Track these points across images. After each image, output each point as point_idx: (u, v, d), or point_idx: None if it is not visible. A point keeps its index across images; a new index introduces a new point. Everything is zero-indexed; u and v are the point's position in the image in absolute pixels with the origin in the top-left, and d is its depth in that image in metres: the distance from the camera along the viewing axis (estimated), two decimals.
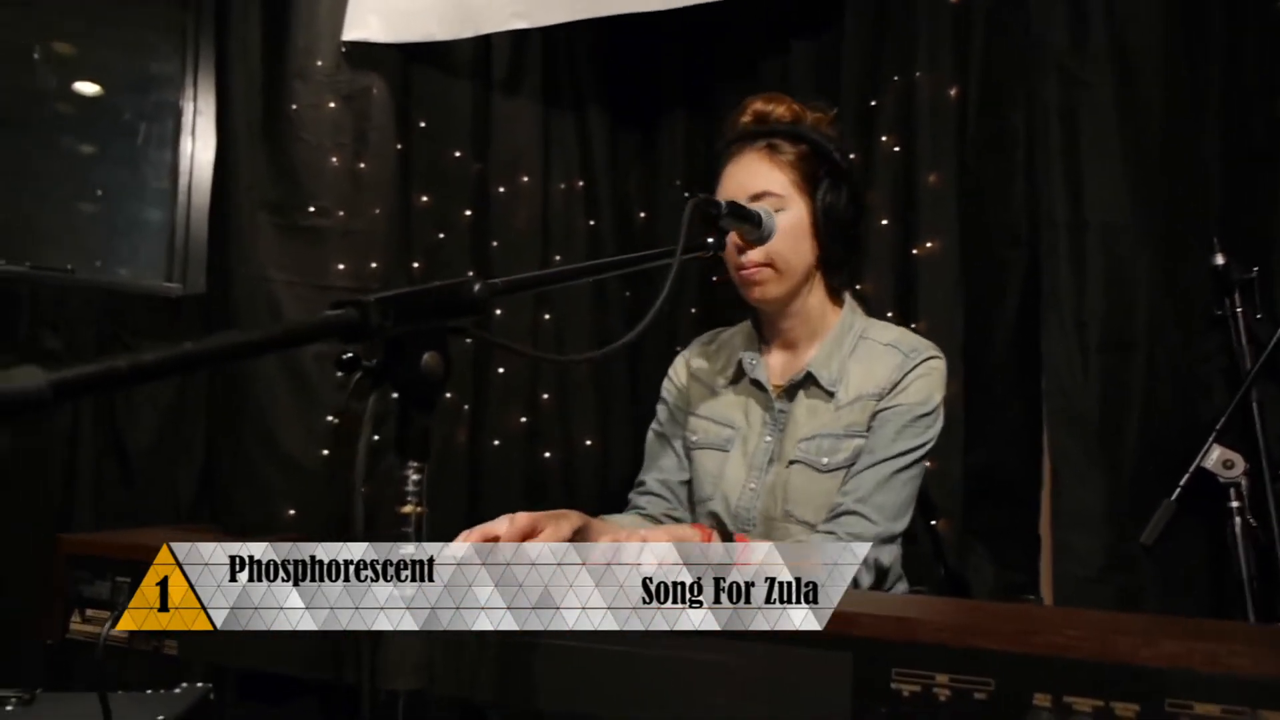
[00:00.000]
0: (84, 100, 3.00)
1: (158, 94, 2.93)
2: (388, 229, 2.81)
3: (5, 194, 2.83)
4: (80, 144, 2.97)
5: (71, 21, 3.04)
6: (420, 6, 2.76)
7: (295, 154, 2.70)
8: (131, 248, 2.86)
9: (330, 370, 2.71)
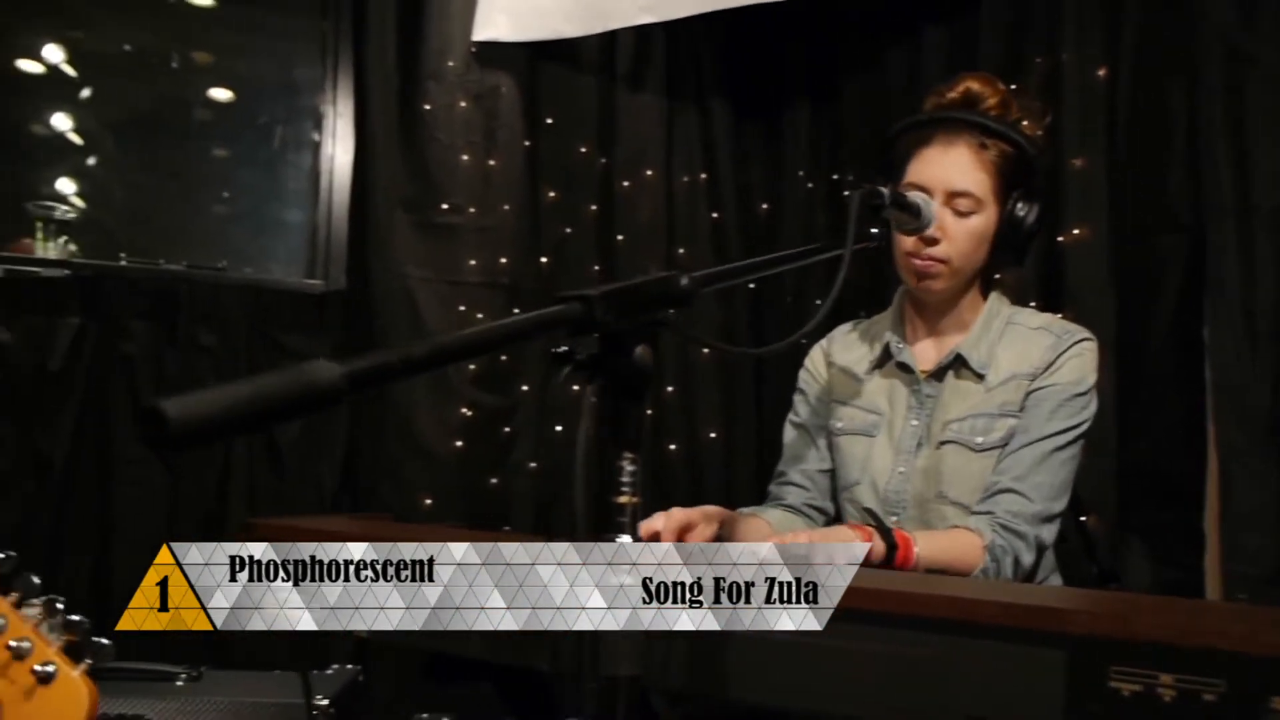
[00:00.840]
0: (229, 107, 3.14)
1: (299, 99, 3.04)
2: (517, 224, 2.86)
3: (162, 198, 2.98)
4: (228, 149, 3.11)
5: (215, 31, 3.19)
6: (548, 4, 2.79)
7: (429, 153, 2.77)
8: (277, 247, 2.99)
9: (464, 365, 2.78)
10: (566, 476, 0.81)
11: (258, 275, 2.79)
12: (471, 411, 2.78)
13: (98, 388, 2.51)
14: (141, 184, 3.05)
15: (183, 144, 3.08)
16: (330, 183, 2.82)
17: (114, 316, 2.53)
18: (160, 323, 2.58)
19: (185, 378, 2.57)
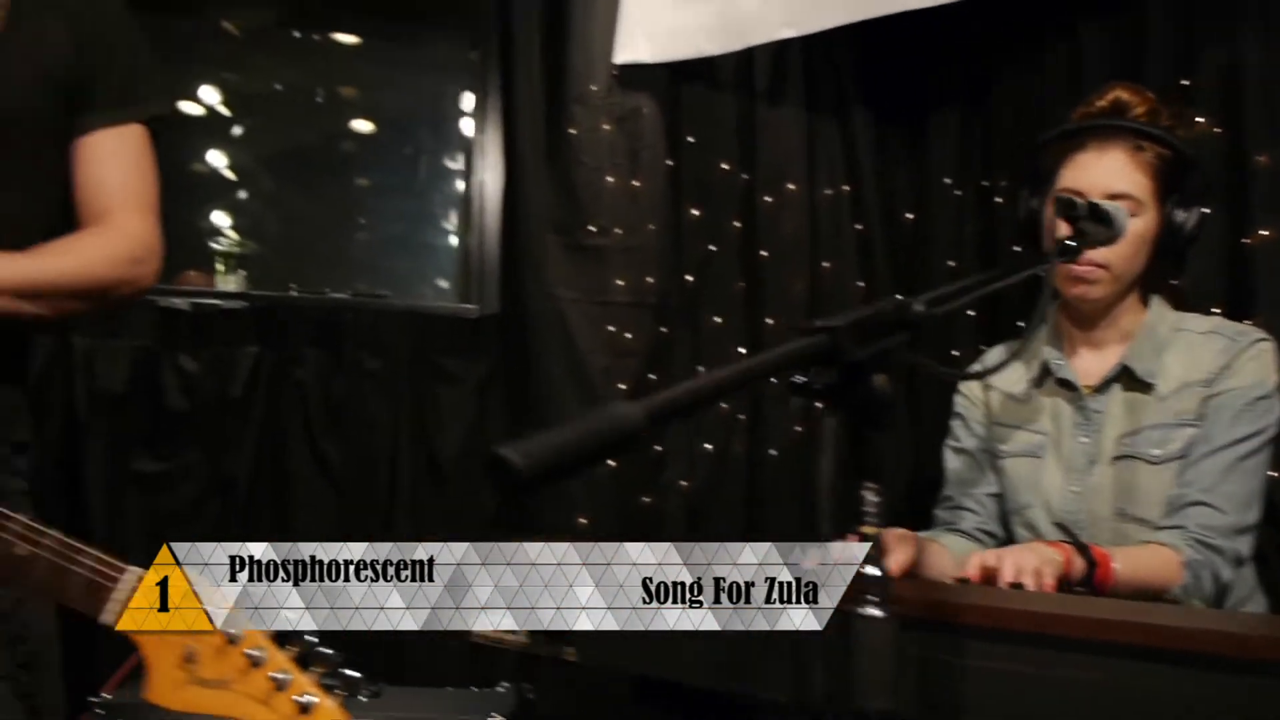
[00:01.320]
0: (377, 138, 3.28)
1: (448, 128, 3.16)
2: (661, 244, 2.88)
3: (322, 229, 3.14)
4: (379, 179, 3.24)
5: (361, 66, 3.33)
6: (687, 24, 2.81)
7: (576, 176, 2.82)
8: (432, 273, 3.10)
9: (613, 383, 2.82)
10: (813, 509, 0.80)
11: (415, 301, 2.90)
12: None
13: (274, 413, 2.64)
14: (302, 216, 3.22)
15: (336, 176, 3.24)
16: (481, 208, 2.91)
17: (287, 345, 2.67)
18: (328, 350, 2.70)
19: (352, 402, 2.69)
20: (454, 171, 3.18)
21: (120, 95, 1.41)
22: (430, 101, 3.29)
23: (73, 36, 1.36)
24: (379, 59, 3.37)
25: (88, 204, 1.42)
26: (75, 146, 1.40)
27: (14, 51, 1.30)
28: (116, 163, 1.43)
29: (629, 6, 2.84)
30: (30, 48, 1.31)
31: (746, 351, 2.92)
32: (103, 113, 1.40)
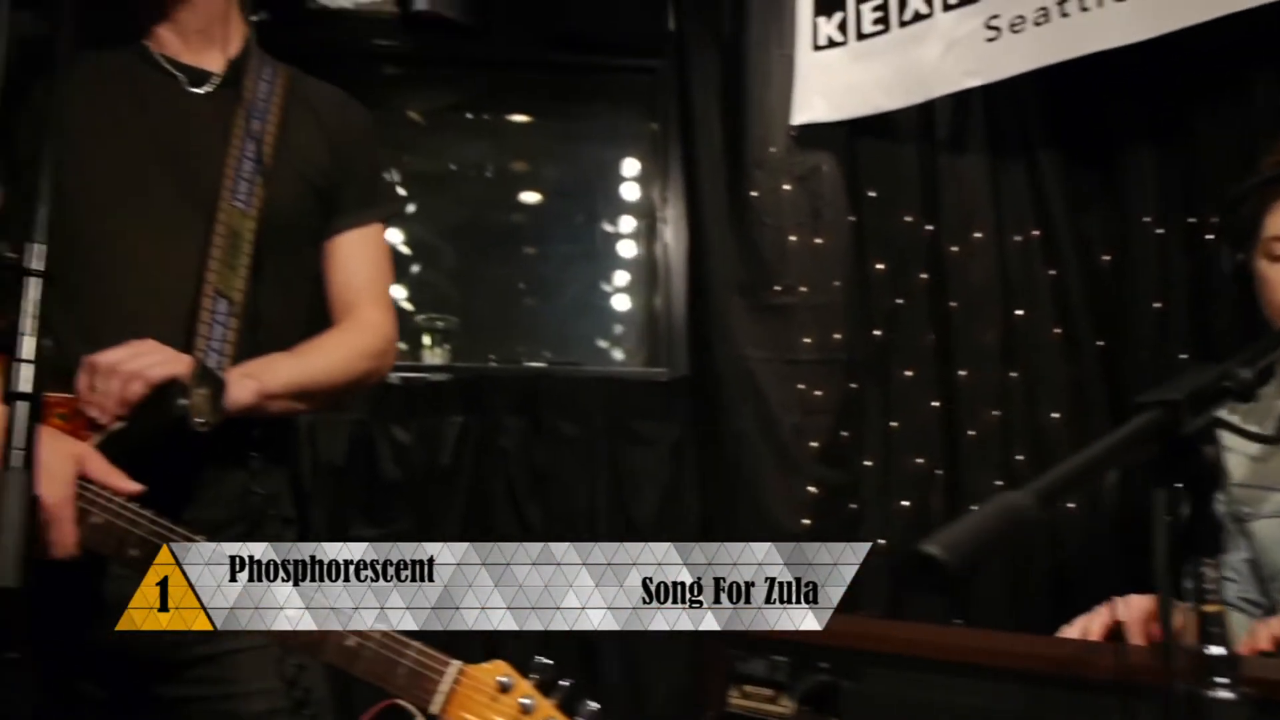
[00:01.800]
0: (556, 207, 3.41)
1: (630, 195, 3.25)
2: (848, 299, 2.87)
3: (526, 301, 3.27)
4: (558, 247, 3.36)
5: (533, 140, 3.48)
6: (865, 81, 2.82)
7: (759, 237, 2.86)
8: (623, 338, 3.18)
9: (804, 441, 2.80)
10: (1162, 595, 0.77)
11: (608, 367, 2.98)
12: (817, 488, 2.79)
13: (479, 480, 2.75)
14: (487, 287, 3.36)
15: (508, 247, 3.38)
16: (667, 273, 2.98)
17: (490, 414, 2.78)
18: (527, 417, 2.80)
19: (552, 468, 2.77)
20: (626, 238, 3.26)
21: (366, 198, 1.53)
22: (598, 171, 3.40)
23: (329, 146, 1.48)
24: (552, 133, 3.52)
25: (338, 300, 1.53)
26: (326, 246, 1.52)
27: (284, 162, 1.42)
28: (362, 261, 1.54)
29: (804, 69, 2.88)
30: (296, 158, 1.44)
31: (939, 405, 2.86)
32: (351, 215, 1.52)
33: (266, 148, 1.38)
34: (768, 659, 1.33)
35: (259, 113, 1.39)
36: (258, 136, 1.37)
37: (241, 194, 1.34)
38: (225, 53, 1.39)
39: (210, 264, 1.29)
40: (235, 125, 1.36)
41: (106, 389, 1.19)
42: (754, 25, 2.91)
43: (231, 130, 1.36)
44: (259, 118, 1.39)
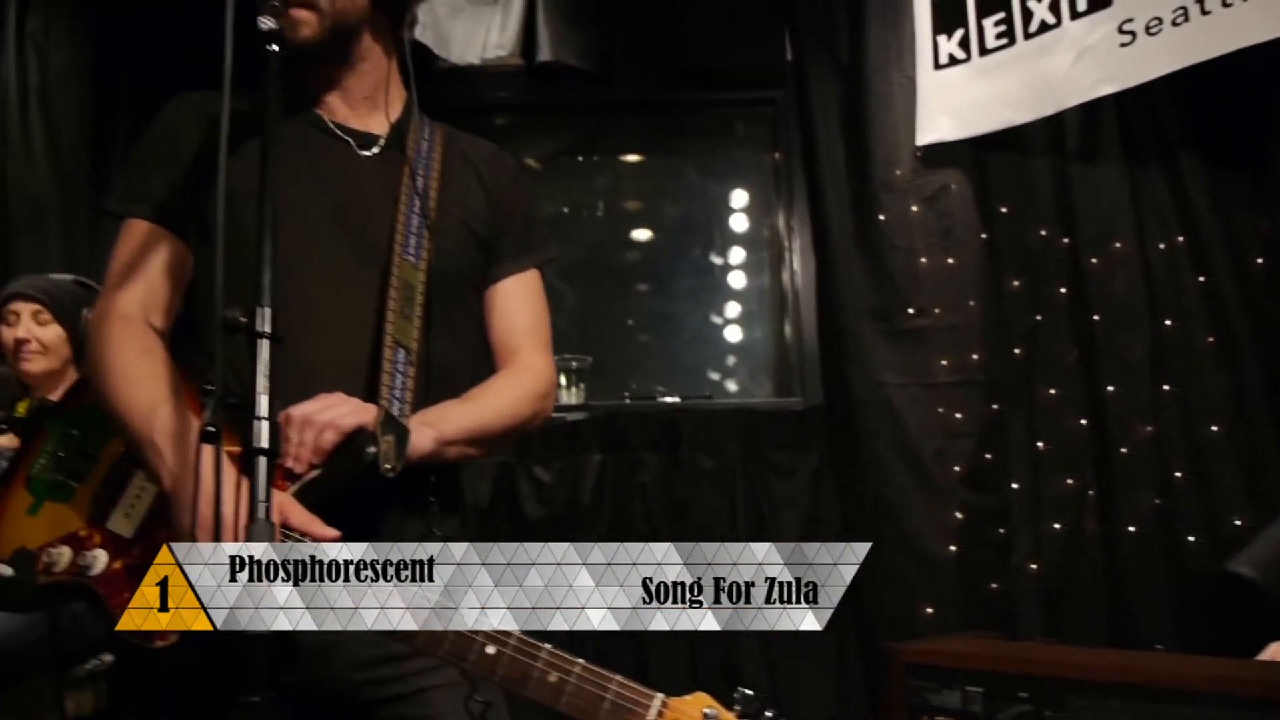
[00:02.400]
0: (668, 242, 3.44)
1: (759, 226, 3.27)
2: (984, 318, 2.81)
3: (650, 337, 3.31)
4: (695, 281, 3.38)
5: (644, 179, 3.52)
6: (992, 96, 2.78)
7: (889, 260, 2.83)
8: (754, 369, 3.18)
9: (947, 466, 2.74)
10: None
11: (741, 399, 2.98)
12: (963, 514, 2.72)
13: (621, 515, 2.78)
14: (615, 326, 3.42)
15: (625, 284, 3.42)
16: (796, 302, 2.97)
17: (628, 450, 2.81)
18: (665, 452, 2.82)
19: (691, 501, 2.78)
20: (743, 270, 3.27)
21: (522, 245, 1.57)
22: (711, 204, 3.42)
23: (487, 197, 1.54)
24: (662, 171, 3.57)
25: (500, 344, 1.57)
26: (488, 293, 1.57)
27: (447, 214, 1.47)
28: (522, 306, 1.58)
29: (927, 89, 2.85)
30: (458, 210, 1.49)
31: (1087, 423, 2.76)
32: (510, 262, 1.56)
33: (431, 203, 1.43)
34: (962, 690, 1.30)
35: (422, 170, 1.45)
36: (423, 193, 1.43)
37: (411, 248, 1.40)
38: (388, 116, 1.46)
39: (388, 316, 1.32)
40: (402, 184, 1.43)
41: (302, 439, 1.25)
42: (872, 50, 2.90)
43: (398, 188, 1.42)
44: (423, 175, 1.45)
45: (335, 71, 1.38)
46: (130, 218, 1.31)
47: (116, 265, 1.29)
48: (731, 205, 3.35)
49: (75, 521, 1.22)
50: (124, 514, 1.23)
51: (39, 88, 2.85)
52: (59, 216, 2.82)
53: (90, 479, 1.25)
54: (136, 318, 1.26)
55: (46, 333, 2.28)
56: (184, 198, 1.31)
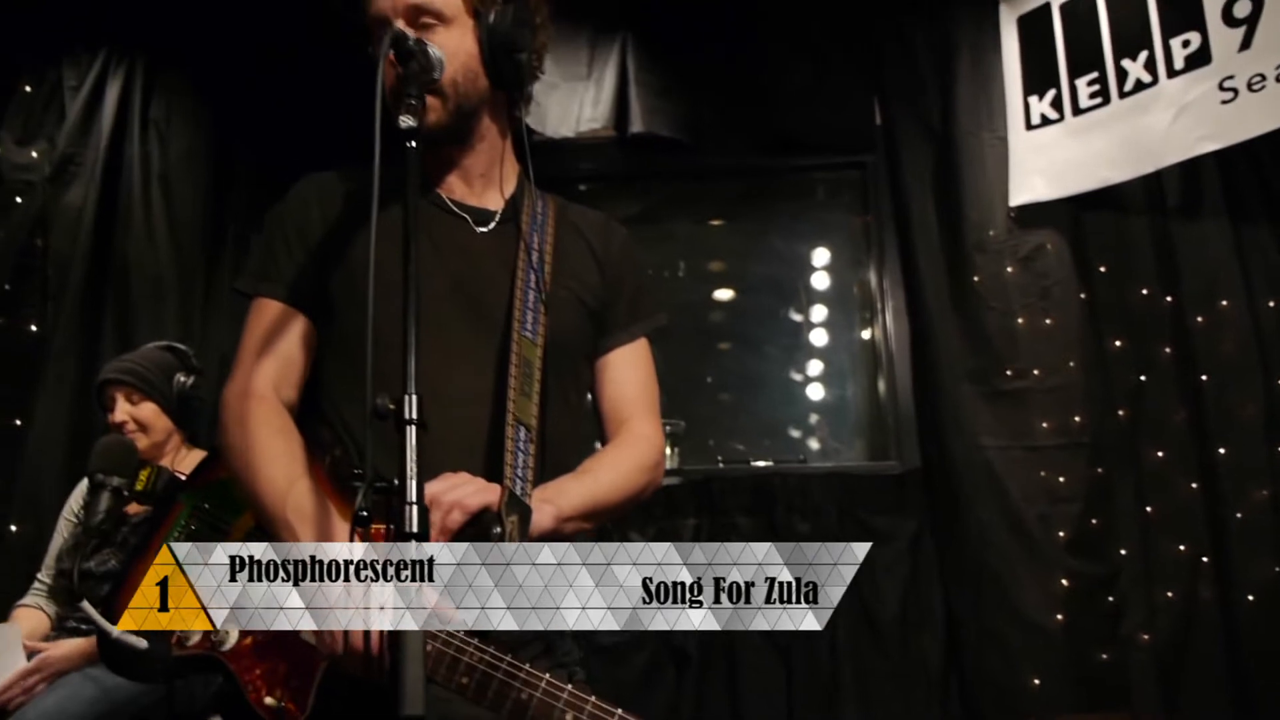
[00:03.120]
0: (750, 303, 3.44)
1: (841, 284, 3.26)
2: (1086, 379, 2.76)
3: (741, 394, 3.31)
4: (782, 339, 3.38)
5: (729, 241, 3.53)
6: (1087, 156, 2.75)
7: (986, 322, 2.80)
8: (837, 426, 3.16)
9: (1052, 532, 2.67)
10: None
11: (837, 463, 2.96)
12: (1070, 581, 2.64)
13: None
14: (703, 388, 3.42)
15: (708, 346, 3.42)
16: (891, 366, 2.95)
17: (723, 514, 2.80)
18: (759, 516, 2.80)
19: None
20: (854, 331, 3.26)
21: (632, 315, 1.58)
22: (791, 263, 3.42)
23: (598, 266, 1.55)
24: (743, 232, 3.58)
25: (611, 415, 1.58)
26: (598, 363, 1.58)
27: (561, 287, 1.50)
28: (632, 375, 1.59)
29: (1019, 150, 2.84)
30: (572, 282, 1.51)
31: (1198, 486, 2.67)
32: (621, 332, 1.57)
33: (546, 276, 1.46)
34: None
35: (537, 244, 1.47)
36: (538, 267, 1.45)
37: (529, 324, 1.41)
38: (503, 191, 1.49)
39: (509, 394, 1.33)
40: (518, 258, 1.44)
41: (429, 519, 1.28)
42: (963, 113, 2.91)
43: (514, 262, 1.43)
44: (537, 249, 1.47)
45: (455, 152, 1.42)
46: (260, 297, 1.35)
47: (247, 343, 1.34)
48: (814, 263, 3.36)
49: None
50: None
51: (160, 172, 3.01)
52: (176, 293, 2.96)
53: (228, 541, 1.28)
54: (269, 396, 1.29)
55: (141, 411, 2.36)
56: (310, 277, 1.35)
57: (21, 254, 2.96)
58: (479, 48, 1.33)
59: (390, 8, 1.30)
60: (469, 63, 1.32)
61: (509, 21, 1.33)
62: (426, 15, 1.30)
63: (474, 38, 1.33)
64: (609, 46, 3.07)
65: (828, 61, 3.06)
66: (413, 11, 1.30)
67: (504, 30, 1.33)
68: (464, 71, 1.32)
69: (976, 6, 2.96)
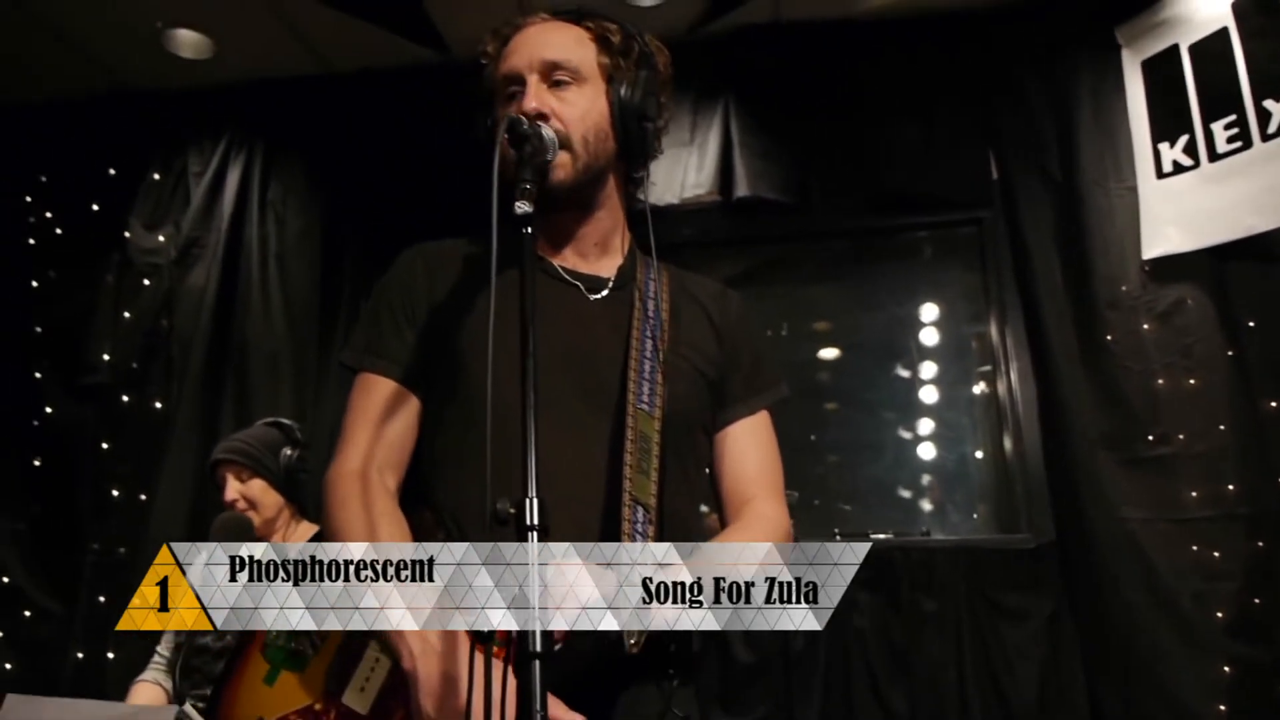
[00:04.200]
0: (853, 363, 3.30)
1: (962, 346, 3.11)
2: (1239, 444, 2.53)
3: (858, 463, 3.18)
4: (898, 402, 3.24)
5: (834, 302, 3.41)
6: (1228, 204, 2.57)
7: (1122, 384, 2.61)
8: (967, 496, 2.99)
9: (1209, 612, 2.44)
10: None
11: (960, 535, 2.78)
12: (1232, 668, 2.40)
13: (836, 662, 2.61)
14: (815, 456, 3.29)
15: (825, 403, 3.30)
16: (1018, 429, 2.78)
17: None
18: (882, 593, 2.65)
19: (914, 648, 2.58)
20: (972, 396, 3.10)
21: (753, 386, 1.49)
22: (898, 322, 3.29)
23: (716, 337, 1.48)
24: (846, 290, 3.47)
25: (731, 494, 1.48)
26: (717, 437, 1.49)
27: (678, 357, 1.42)
28: (753, 451, 1.48)
29: (1151, 201, 2.68)
30: (689, 352, 1.43)
31: None
32: (741, 405, 1.47)
33: (662, 345, 1.38)
34: None
35: (652, 312, 1.41)
36: (653, 336, 1.38)
37: (645, 395, 1.32)
38: (615, 259, 1.44)
39: (625, 471, 1.25)
40: (632, 327, 1.36)
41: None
42: (1086, 163, 2.76)
43: (627, 331, 1.35)
44: (652, 317, 1.41)
45: (571, 218, 1.36)
46: (365, 371, 1.31)
47: (350, 421, 1.29)
48: (922, 319, 3.22)
49: (310, 694, 1.20)
50: (359, 688, 1.19)
51: (277, 252, 3.12)
52: (291, 368, 3.03)
53: (325, 648, 1.22)
54: (370, 477, 1.24)
55: (251, 488, 2.39)
56: (417, 352, 1.30)
57: (149, 334, 3.10)
58: (610, 110, 1.30)
59: (526, 64, 1.28)
60: (600, 123, 1.29)
61: (641, 89, 1.31)
62: (562, 72, 1.28)
63: (606, 100, 1.30)
64: (711, 111, 3.05)
65: (936, 116, 2.96)
66: (549, 67, 1.28)
67: (637, 97, 1.30)
68: (595, 131, 1.28)
69: (1096, 53, 2.83)
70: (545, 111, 1.25)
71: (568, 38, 1.32)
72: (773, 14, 3.05)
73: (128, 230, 3.24)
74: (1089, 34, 2.83)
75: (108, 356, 3.14)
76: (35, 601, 3.05)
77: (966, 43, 2.98)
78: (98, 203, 3.32)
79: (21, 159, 3.39)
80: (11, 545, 3.09)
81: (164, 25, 3.04)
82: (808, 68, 3.03)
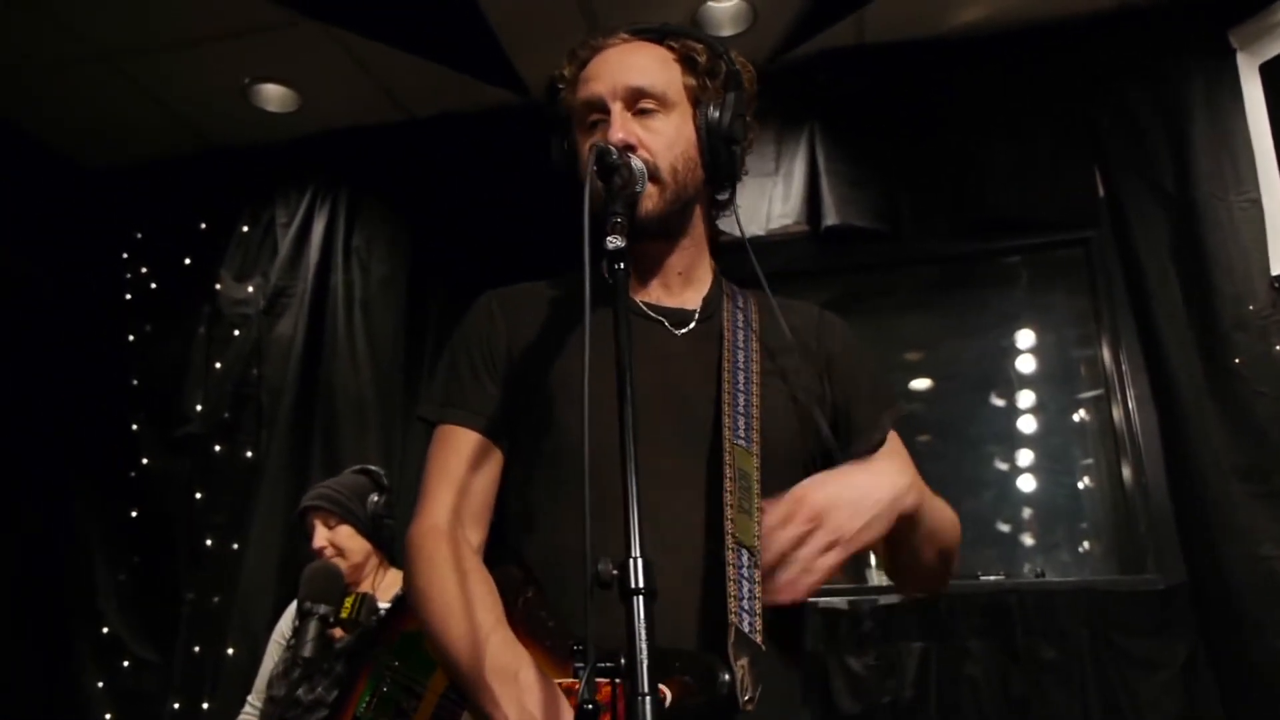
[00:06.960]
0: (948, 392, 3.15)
1: (1066, 372, 2.94)
2: None
3: (954, 496, 3.01)
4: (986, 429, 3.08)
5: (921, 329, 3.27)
6: None
7: (1255, 411, 2.42)
8: (1073, 538, 2.80)
9: None
10: None
11: (1082, 576, 2.60)
12: None
13: (950, 713, 2.45)
14: None
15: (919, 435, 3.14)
16: (1138, 462, 2.59)
17: (953, 637, 2.50)
18: (997, 640, 2.49)
19: (1034, 700, 2.41)
20: (1085, 426, 2.92)
21: (878, 409, 1.35)
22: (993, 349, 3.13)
23: (818, 366, 1.35)
24: (939, 318, 3.33)
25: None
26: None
27: (774, 390, 1.30)
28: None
29: (1277, 213, 2.49)
30: (784, 382, 1.30)
31: None
32: (873, 432, 1.32)
33: (755, 378, 1.30)
34: None
35: (742, 343, 1.32)
36: (745, 368, 1.30)
37: (741, 431, 1.23)
38: (700, 289, 1.35)
39: (727, 513, 1.15)
40: (723, 360, 1.27)
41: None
42: (1203, 175, 2.59)
43: (719, 366, 1.27)
44: (743, 348, 1.32)
45: (656, 249, 1.28)
46: (443, 424, 1.25)
47: (431, 476, 1.23)
48: (1019, 345, 3.06)
49: None
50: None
51: (362, 299, 3.13)
52: (377, 414, 3.02)
53: (417, 716, 1.16)
54: (453, 534, 1.18)
55: (338, 535, 2.38)
56: (498, 402, 1.24)
57: (239, 384, 3.14)
58: (697, 136, 1.23)
59: (609, 90, 1.22)
60: (689, 151, 1.23)
61: (730, 111, 1.24)
62: (648, 99, 1.22)
63: (693, 126, 1.23)
64: (796, 140, 2.96)
65: (1034, 134, 2.82)
66: (633, 95, 1.21)
67: (725, 121, 1.23)
68: (684, 160, 1.22)
69: (1208, 60, 2.66)
70: (632, 142, 1.19)
71: (651, 60, 1.25)
72: (857, 37, 2.96)
73: (218, 282, 3.31)
74: (1199, 38, 2.68)
75: (200, 407, 3.19)
76: (134, 651, 3.08)
77: (1063, 55, 2.84)
78: (190, 257, 3.39)
79: (118, 218, 3.50)
80: (111, 595, 3.14)
81: (250, 81, 3.10)
82: (895, 90, 2.93)
